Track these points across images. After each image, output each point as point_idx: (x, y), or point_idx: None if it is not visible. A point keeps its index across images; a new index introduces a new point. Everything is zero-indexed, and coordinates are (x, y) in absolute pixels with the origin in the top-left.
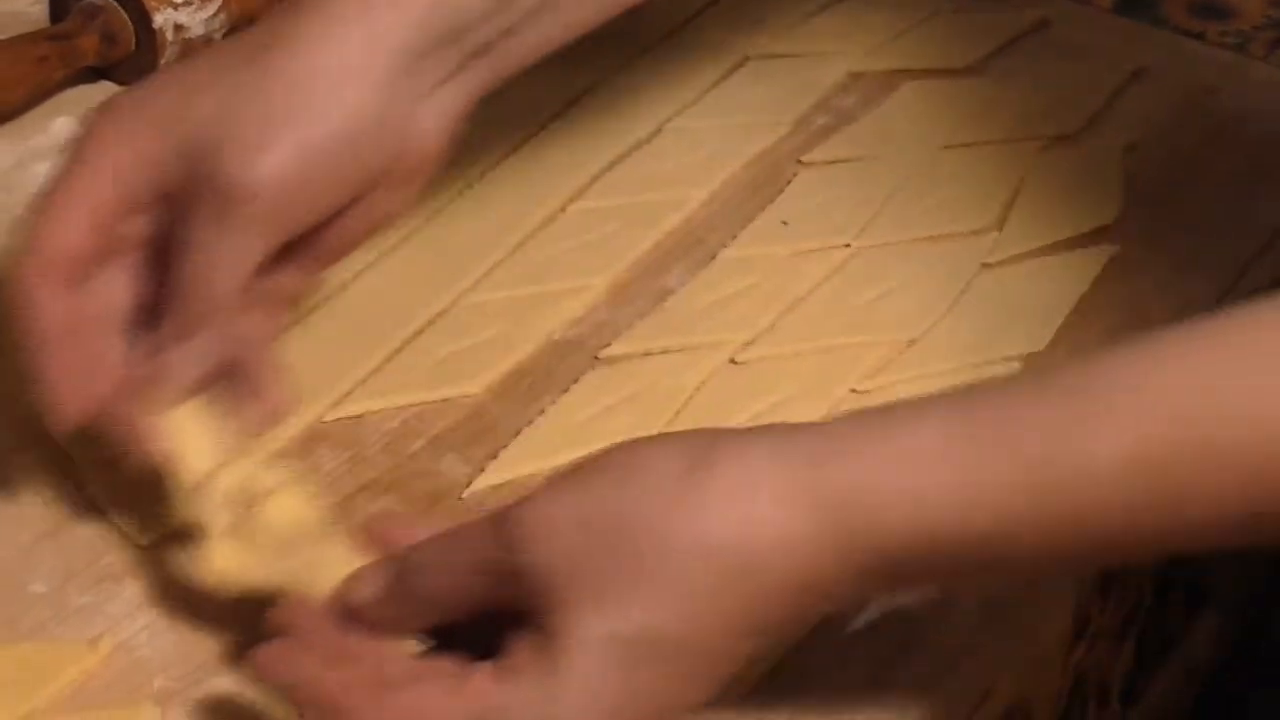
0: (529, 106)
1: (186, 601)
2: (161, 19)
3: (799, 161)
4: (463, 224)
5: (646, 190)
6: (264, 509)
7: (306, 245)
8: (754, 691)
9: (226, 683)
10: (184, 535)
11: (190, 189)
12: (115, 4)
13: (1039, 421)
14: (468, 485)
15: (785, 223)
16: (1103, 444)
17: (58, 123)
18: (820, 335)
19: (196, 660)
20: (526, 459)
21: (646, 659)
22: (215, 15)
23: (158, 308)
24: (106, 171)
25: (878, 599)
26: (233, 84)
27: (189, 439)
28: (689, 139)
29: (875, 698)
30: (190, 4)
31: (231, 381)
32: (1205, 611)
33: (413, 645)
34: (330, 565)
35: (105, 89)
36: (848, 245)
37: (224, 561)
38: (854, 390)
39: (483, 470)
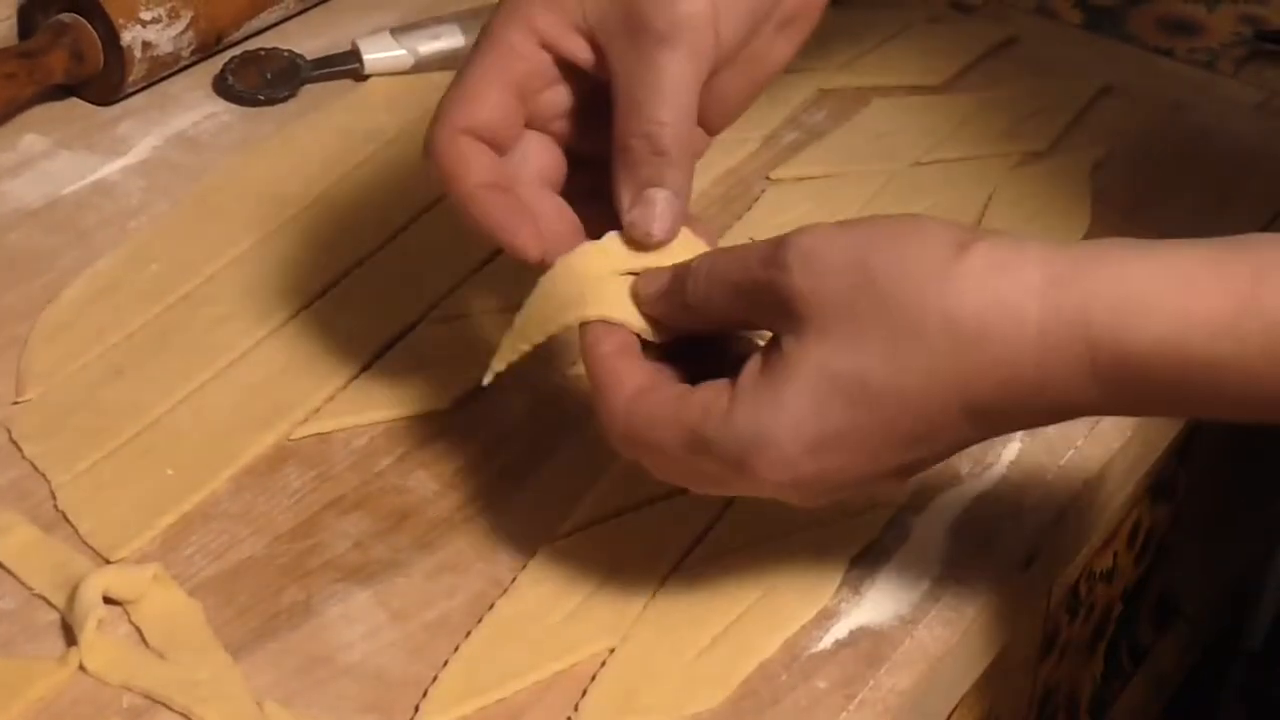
0: None
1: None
2: (130, 36)
3: (768, 178)
4: (430, 241)
5: None
6: (136, 608)
7: (705, 102)
8: (722, 709)
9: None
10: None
11: (621, 39)
12: (84, 21)
13: None
14: (435, 501)
15: (754, 238)
16: None
17: (26, 139)
18: None
19: None
20: None
21: (852, 396)
22: (183, 33)
23: (579, 176)
24: (523, 43)
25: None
26: None
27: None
28: None
29: (845, 714)
30: (158, 22)
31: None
32: (1174, 624)
33: None
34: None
35: (74, 106)
36: None
37: (95, 663)
38: None
39: (453, 487)
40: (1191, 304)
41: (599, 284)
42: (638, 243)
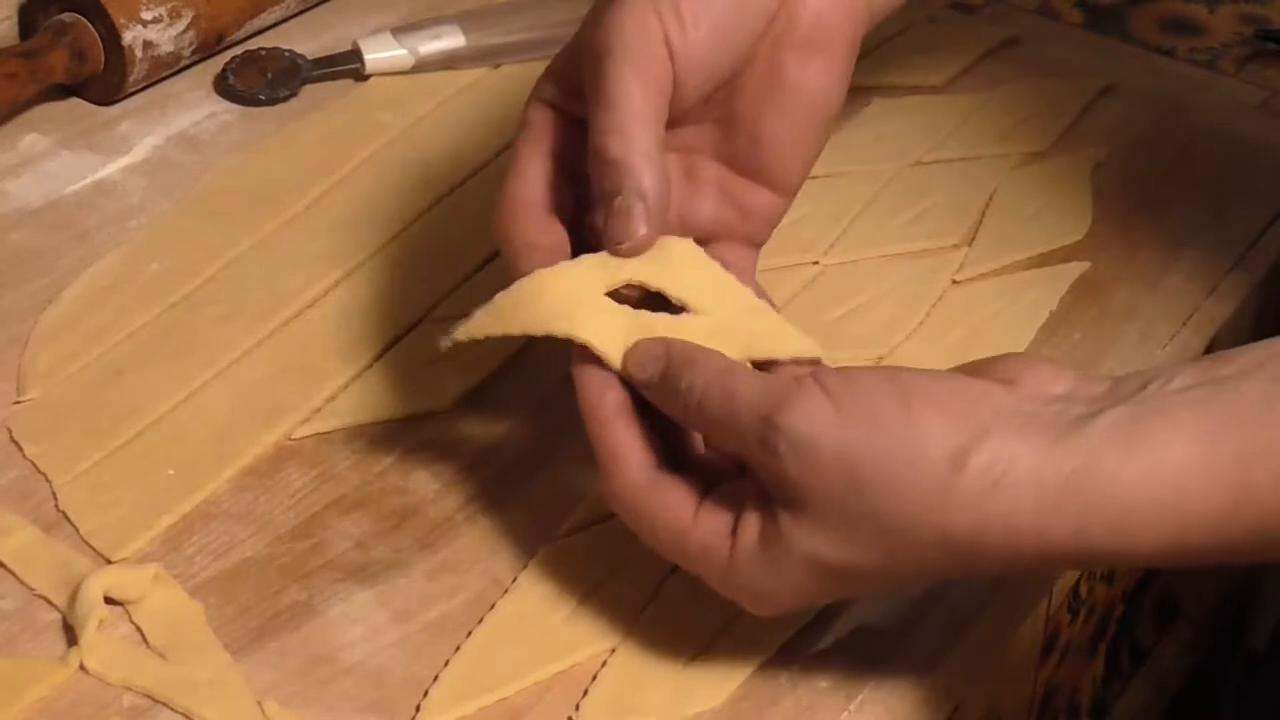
0: (496, 121)
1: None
2: (131, 36)
3: None
4: (431, 241)
5: None
6: (137, 608)
7: (761, 158)
8: (722, 709)
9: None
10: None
11: (587, 75)
12: (85, 21)
13: None
14: (435, 501)
15: None
16: None
17: (27, 139)
18: None
19: None
20: None
21: (844, 581)
22: (184, 32)
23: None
24: (542, 118)
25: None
26: None
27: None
28: None
29: (845, 714)
30: (159, 21)
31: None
32: (1175, 624)
33: None
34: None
35: (75, 106)
36: (816, 262)
37: (96, 662)
38: None
39: (453, 487)
40: (1187, 508)
41: (594, 303)
42: (615, 247)
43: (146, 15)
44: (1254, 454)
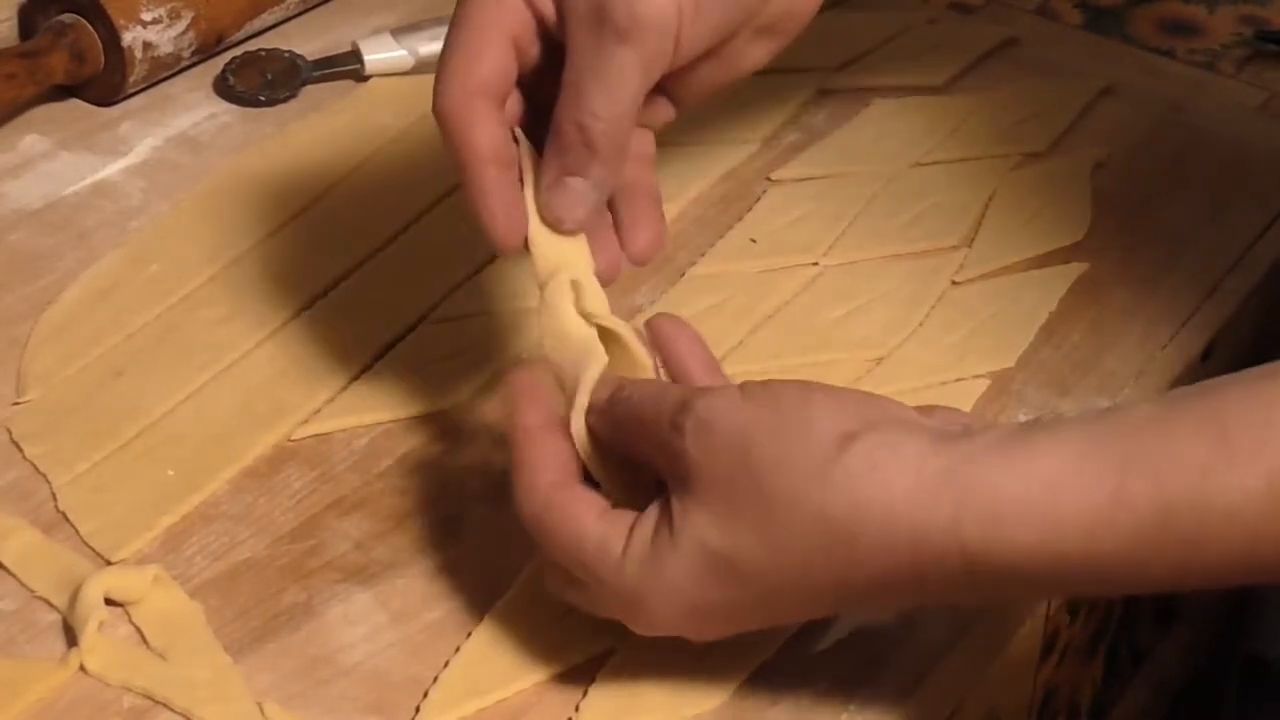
0: None
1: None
2: (130, 37)
3: (768, 179)
4: (431, 242)
5: None
6: (137, 609)
7: (672, 84)
8: (722, 709)
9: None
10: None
11: (585, 21)
12: (84, 22)
13: (1176, 455)
14: (435, 501)
15: (754, 240)
16: (1238, 479)
17: (26, 140)
18: (788, 352)
19: None
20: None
21: (723, 575)
22: (184, 33)
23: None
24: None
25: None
26: None
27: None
28: (658, 156)
29: (845, 714)
30: (159, 22)
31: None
32: (1175, 626)
33: None
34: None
35: (74, 107)
36: (815, 264)
37: (96, 663)
38: None
39: (453, 488)
40: (1058, 510)
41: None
42: (548, 224)
43: (146, 16)
44: (1133, 461)
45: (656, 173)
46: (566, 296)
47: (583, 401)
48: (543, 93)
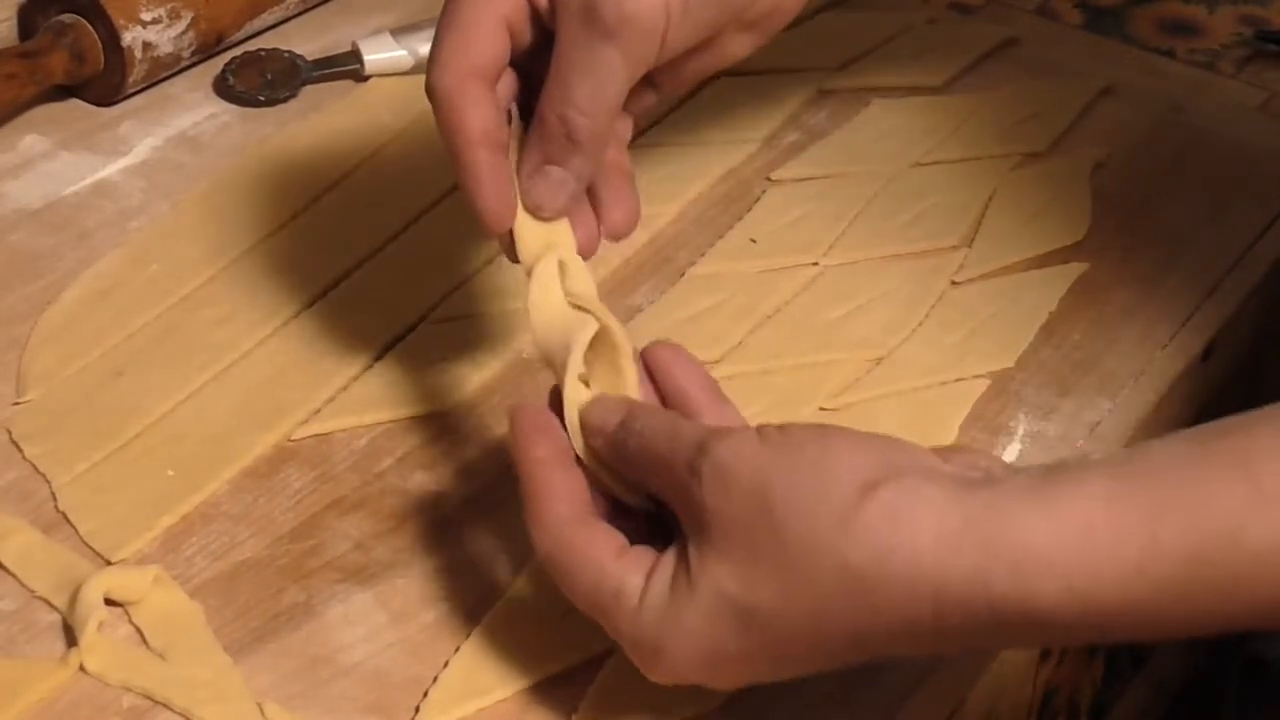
0: None
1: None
2: (130, 37)
3: (768, 179)
4: (430, 242)
5: None
6: (137, 609)
7: (655, 74)
8: (724, 709)
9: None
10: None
11: (575, 13)
12: (84, 22)
13: (1207, 499)
14: (435, 502)
15: (754, 240)
16: (1270, 523)
17: (26, 140)
18: (788, 353)
19: None
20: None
21: (743, 625)
22: (184, 33)
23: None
24: None
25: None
26: None
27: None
28: (658, 156)
29: (845, 714)
30: (159, 22)
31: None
32: None
33: None
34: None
35: (74, 107)
36: (815, 264)
37: (96, 663)
38: (822, 408)
39: (453, 488)
40: (1094, 557)
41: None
42: (528, 210)
43: (146, 16)
44: (1164, 508)
45: (655, 171)
46: (556, 275)
47: (577, 360)
48: (537, 70)
